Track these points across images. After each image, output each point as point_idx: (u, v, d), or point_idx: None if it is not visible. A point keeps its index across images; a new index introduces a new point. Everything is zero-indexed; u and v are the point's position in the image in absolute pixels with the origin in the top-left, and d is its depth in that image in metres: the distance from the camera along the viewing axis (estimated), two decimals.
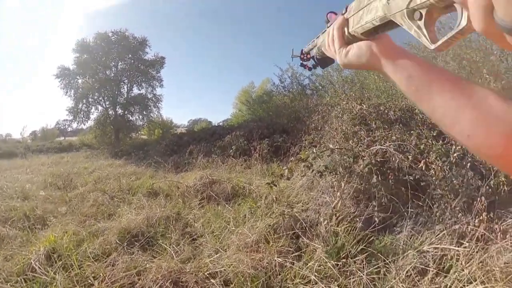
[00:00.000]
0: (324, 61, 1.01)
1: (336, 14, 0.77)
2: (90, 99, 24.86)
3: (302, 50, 1.14)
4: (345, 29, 0.71)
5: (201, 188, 5.81)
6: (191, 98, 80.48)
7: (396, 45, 0.64)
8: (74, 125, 26.03)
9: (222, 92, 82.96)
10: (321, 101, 9.56)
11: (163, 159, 10.79)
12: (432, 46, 0.48)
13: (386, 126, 4.49)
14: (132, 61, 24.99)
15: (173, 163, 9.92)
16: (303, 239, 3.46)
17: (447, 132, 0.54)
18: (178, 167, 9.67)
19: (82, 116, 25.03)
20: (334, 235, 3.30)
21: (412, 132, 3.99)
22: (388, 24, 0.57)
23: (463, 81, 0.51)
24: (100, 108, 25.27)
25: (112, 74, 24.76)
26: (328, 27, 0.82)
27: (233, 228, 4.04)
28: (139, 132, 26.06)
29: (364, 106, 5.29)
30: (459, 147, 3.24)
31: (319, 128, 7.21)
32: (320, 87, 11.62)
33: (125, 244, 3.74)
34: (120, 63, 24.90)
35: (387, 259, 2.86)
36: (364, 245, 3.08)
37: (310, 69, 1.16)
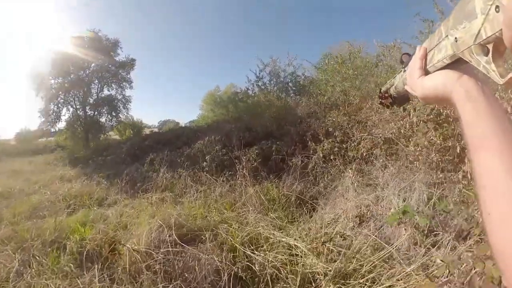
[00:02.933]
0: (401, 99, 0.86)
1: (410, 55, 0.66)
2: (60, 100, 20.44)
3: (380, 89, 0.95)
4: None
5: (162, 263, 2.40)
6: (161, 99, 73.70)
7: (475, 78, 0.45)
8: (44, 126, 21.36)
9: (190, 94, 76.52)
10: (318, 99, 5.94)
11: (118, 171, 7.38)
12: (501, 81, 0.37)
13: None
14: (102, 61, 20.74)
15: (129, 178, 5.86)
16: None
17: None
18: (135, 183, 5.91)
19: (53, 117, 20.50)
20: None
21: None
22: (457, 62, 0.47)
23: None
24: (71, 109, 20.96)
25: (84, 75, 20.79)
26: (402, 68, 0.71)
27: None
28: (107, 134, 22.02)
29: None
30: None
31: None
32: (307, 84, 7.96)
33: None
34: (92, 64, 20.70)
35: None
36: None
37: (388, 106, 0.94)
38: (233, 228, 2.81)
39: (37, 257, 3.13)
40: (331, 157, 4.40)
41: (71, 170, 9.96)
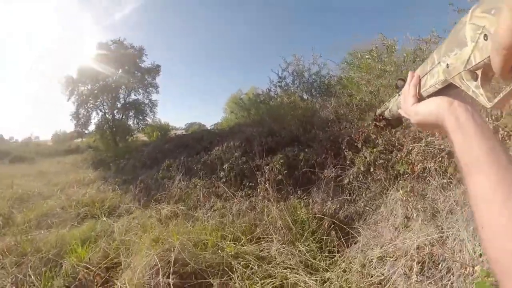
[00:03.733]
0: (395, 121, 0.88)
1: (404, 80, 0.67)
2: (90, 104, 21.36)
3: (375, 113, 0.97)
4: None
5: None
6: (190, 102, 73.95)
7: (465, 104, 0.48)
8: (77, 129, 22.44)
9: (217, 97, 76.57)
10: (350, 99, 5.16)
11: (136, 175, 6.88)
12: (489, 105, 0.39)
13: None
14: (129, 68, 21.61)
15: (143, 185, 5.30)
16: None
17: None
18: (149, 191, 5.36)
19: (84, 120, 21.57)
20: None
21: None
22: (448, 87, 0.48)
23: None
24: (100, 113, 21.78)
25: (111, 81, 21.34)
26: (397, 92, 0.75)
27: None
28: (135, 136, 22.62)
29: None
30: None
31: None
32: (335, 84, 7.08)
33: None
34: (119, 70, 21.30)
35: None
36: None
37: (382, 129, 0.96)
38: (251, 268, 2.13)
39: (31, 276, 2.63)
40: (371, 170, 3.60)
41: (93, 172, 9.69)
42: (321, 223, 3.07)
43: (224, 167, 4.65)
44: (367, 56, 5.60)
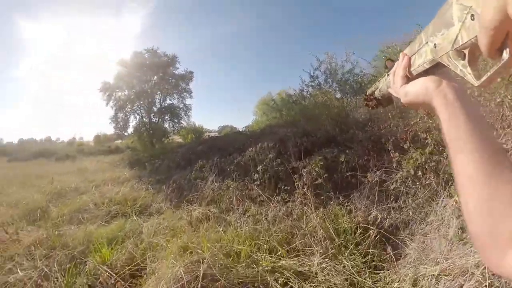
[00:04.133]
0: (385, 101, 0.87)
1: (393, 61, 0.68)
2: (128, 109, 22.56)
3: (366, 92, 0.96)
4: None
5: None
6: (222, 106, 74.95)
7: (453, 84, 0.48)
8: (112, 131, 24.54)
9: (248, 100, 77.03)
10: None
11: (169, 176, 6.76)
12: (477, 83, 0.38)
13: None
14: (162, 74, 22.76)
15: (176, 185, 5.16)
16: None
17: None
18: (181, 192, 5.15)
19: (122, 124, 22.68)
20: None
21: None
22: (436, 66, 0.48)
23: (504, 160, 0.39)
24: (137, 116, 23.02)
25: (147, 87, 22.55)
26: (386, 72, 0.75)
27: None
28: (170, 137, 23.36)
29: None
30: None
31: None
32: (371, 81, 6.44)
33: None
34: (154, 77, 22.69)
35: None
36: None
37: (373, 108, 0.94)
38: (290, 286, 1.76)
39: (56, 271, 2.60)
40: (419, 173, 3.08)
41: (129, 171, 9.77)
42: (366, 233, 2.64)
43: (258, 169, 4.30)
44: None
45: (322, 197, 3.39)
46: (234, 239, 2.51)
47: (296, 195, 3.34)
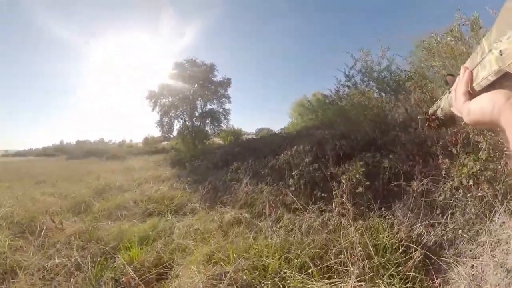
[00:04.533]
0: (448, 121, 0.80)
1: (453, 76, 0.62)
2: (172, 114, 23.93)
3: (427, 111, 0.88)
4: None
5: None
6: (260, 109, 74.95)
7: None
8: (159, 134, 25.83)
9: (284, 102, 76.29)
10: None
11: (206, 176, 6.64)
12: None
13: None
14: (202, 82, 23.80)
15: (211, 186, 5.25)
16: None
17: None
18: (216, 193, 5.07)
19: (167, 127, 24.06)
20: None
21: None
22: (504, 77, 0.39)
23: None
24: (181, 121, 24.30)
25: (189, 94, 23.87)
26: (448, 89, 0.68)
27: None
28: (211, 139, 24.45)
29: None
30: None
31: None
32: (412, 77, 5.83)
33: None
34: (195, 85, 23.88)
35: None
36: None
37: (435, 129, 0.87)
38: None
39: (88, 263, 2.70)
40: (470, 183, 2.60)
41: (170, 170, 10.06)
42: (408, 253, 2.27)
43: (293, 173, 4.04)
44: (449, 38, 4.32)
45: (361, 207, 3.05)
46: (263, 250, 2.30)
47: (333, 204, 3.03)
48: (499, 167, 2.52)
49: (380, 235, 2.51)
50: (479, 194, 2.52)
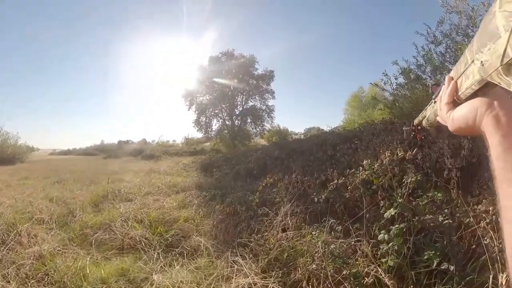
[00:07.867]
0: (434, 131, 0.83)
1: (438, 85, 0.61)
2: (210, 113, 22.87)
3: (412, 123, 0.89)
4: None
5: None
6: (308, 108, 71.51)
7: (506, 104, 0.39)
8: (200, 134, 24.80)
9: (331, 100, 72.00)
10: None
11: (230, 189, 5.20)
12: None
13: None
14: (241, 76, 22.40)
15: (229, 211, 3.20)
16: None
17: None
18: (234, 224, 3.14)
19: (205, 126, 23.13)
20: None
21: None
22: (487, 86, 0.40)
23: None
24: (220, 120, 23.23)
25: (228, 90, 22.54)
26: (433, 99, 0.67)
27: None
28: (253, 140, 23.49)
29: None
30: None
31: None
32: None
33: None
34: (234, 80, 22.43)
35: None
36: None
37: (421, 138, 0.90)
38: None
39: None
40: None
41: (194, 176, 8.51)
42: None
43: (386, 213, 1.91)
44: None
45: None
46: None
47: None
48: None
49: None
50: None
